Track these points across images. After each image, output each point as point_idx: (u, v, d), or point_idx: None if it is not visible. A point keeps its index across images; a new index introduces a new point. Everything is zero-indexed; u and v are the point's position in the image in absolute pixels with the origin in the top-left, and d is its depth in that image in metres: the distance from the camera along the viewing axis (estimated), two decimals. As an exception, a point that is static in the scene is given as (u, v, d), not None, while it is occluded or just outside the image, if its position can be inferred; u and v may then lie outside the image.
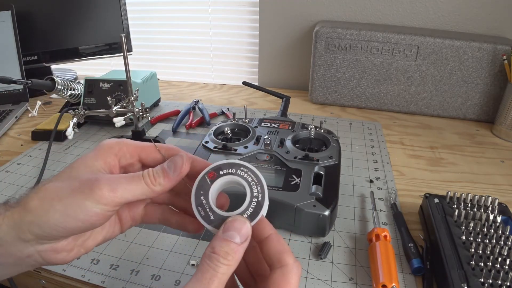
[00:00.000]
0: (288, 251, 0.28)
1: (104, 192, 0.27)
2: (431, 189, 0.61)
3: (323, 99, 0.94)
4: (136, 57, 1.19)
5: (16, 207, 0.27)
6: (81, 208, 0.26)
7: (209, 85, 1.11)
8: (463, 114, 0.87)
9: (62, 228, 0.26)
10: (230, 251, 0.26)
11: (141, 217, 0.35)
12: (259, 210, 0.29)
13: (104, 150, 0.31)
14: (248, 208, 0.29)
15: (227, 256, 0.25)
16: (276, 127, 0.64)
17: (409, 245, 0.46)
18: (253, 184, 0.30)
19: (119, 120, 0.66)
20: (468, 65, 0.82)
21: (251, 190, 0.29)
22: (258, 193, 0.29)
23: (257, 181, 0.30)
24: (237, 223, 0.27)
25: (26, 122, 0.87)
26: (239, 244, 0.26)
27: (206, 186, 0.30)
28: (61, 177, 0.29)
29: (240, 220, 0.28)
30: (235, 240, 0.26)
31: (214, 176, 0.30)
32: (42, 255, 0.28)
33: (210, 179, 0.30)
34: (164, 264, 0.45)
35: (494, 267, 0.40)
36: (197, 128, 0.82)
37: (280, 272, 0.26)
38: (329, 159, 0.54)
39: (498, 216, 0.47)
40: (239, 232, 0.27)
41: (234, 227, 0.27)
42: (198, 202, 0.29)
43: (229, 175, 0.30)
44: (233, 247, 0.26)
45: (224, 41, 1.16)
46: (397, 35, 0.83)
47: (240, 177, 0.30)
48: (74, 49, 1.02)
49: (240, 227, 0.27)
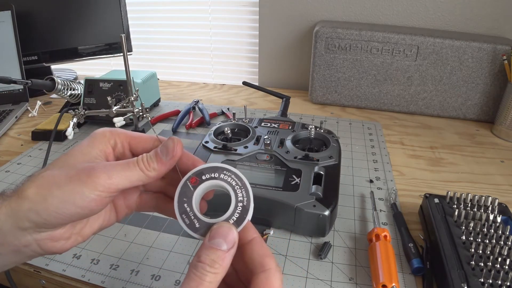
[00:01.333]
0: (271, 255, 0.27)
1: (101, 179, 0.27)
2: (431, 189, 0.61)
3: (323, 99, 0.94)
4: (136, 57, 1.19)
5: (13, 196, 0.27)
6: (79, 195, 0.26)
7: (209, 85, 1.11)
8: (463, 114, 0.87)
9: (60, 215, 0.27)
10: (217, 258, 0.25)
11: (136, 205, 0.35)
12: (245, 215, 0.28)
13: (99, 138, 0.31)
14: (233, 213, 0.28)
15: (214, 264, 0.25)
16: (276, 127, 0.64)
17: (409, 245, 0.46)
18: (238, 188, 0.29)
19: (119, 120, 0.66)
20: (468, 65, 0.82)
21: (236, 194, 0.28)
22: (243, 197, 0.28)
23: (241, 184, 0.29)
24: (223, 229, 0.27)
25: (26, 122, 0.87)
26: (226, 251, 0.26)
27: (189, 192, 0.29)
28: (58, 164, 0.29)
29: (226, 226, 0.27)
30: (222, 248, 0.26)
31: (197, 182, 0.29)
32: (40, 244, 0.28)
33: (192, 185, 0.29)
34: (164, 264, 0.45)
35: (494, 267, 0.40)
36: (197, 128, 0.82)
37: (264, 277, 0.26)
38: (329, 159, 0.54)
39: (498, 216, 0.47)
40: (225, 239, 0.26)
41: (220, 234, 0.27)
42: (181, 210, 0.28)
43: (212, 180, 0.29)
44: (220, 255, 0.26)
45: (224, 41, 1.16)
46: (397, 35, 0.83)
47: (224, 181, 0.29)
48: (74, 49, 1.02)
49: (226, 233, 0.27)
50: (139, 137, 0.33)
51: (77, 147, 0.30)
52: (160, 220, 0.53)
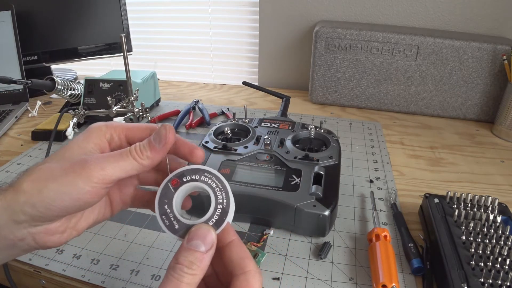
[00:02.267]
0: (250, 257, 0.28)
1: (94, 171, 0.27)
2: (431, 189, 0.61)
3: (323, 99, 0.94)
4: (136, 57, 1.19)
5: (9, 190, 0.27)
6: (74, 187, 0.27)
7: (209, 85, 1.11)
8: (463, 114, 0.87)
9: (55, 207, 0.27)
10: (195, 260, 0.26)
11: (131, 199, 0.35)
12: (225, 217, 0.28)
13: (94, 133, 0.31)
14: (213, 215, 0.28)
15: (191, 265, 0.25)
16: (276, 127, 0.64)
17: (409, 245, 0.46)
18: (218, 190, 0.29)
19: (119, 120, 0.66)
20: (468, 65, 0.82)
21: (216, 196, 0.29)
22: (223, 199, 0.29)
23: (221, 187, 0.29)
24: (201, 231, 0.27)
25: (26, 122, 0.87)
26: (204, 253, 0.26)
27: (169, 194, 0.29)
28: (54, 158, 0.29)
29: (205, 228, 0.27)
30: (199, 249, 0.26)
31: (178, 183, 0.29)
32: (35, 238, 0.28)
33: (173, 187, 0.29)
34: (164, 264, 0.45)
35: (494, 267, 0.40)
36: (197, 128, 0.82)
37: (244, 278, 0.26)
38: (329, 159, 0.54)
39: (498, 216, 0.47)
40: (203, 241, 0.26)
41: (198, 235, 0.27)
42: (162, 211, 0.29)
43: (192, 182, 0.29)
44: (198, 256, 0.26)
45: (224, 41, 1.15)
46: (397, 35, 0.83)
47: (204, 183, 0.29)
48: (74, 49, 1.02)
49: (205, 235, 0.27)
50: (135, 128, 0.33)
51: (74, 141, 0.31)
52: (160, 220, 0.53)
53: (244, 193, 0.49)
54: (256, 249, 0.47)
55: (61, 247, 0.48)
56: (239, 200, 0.49)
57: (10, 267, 0.46)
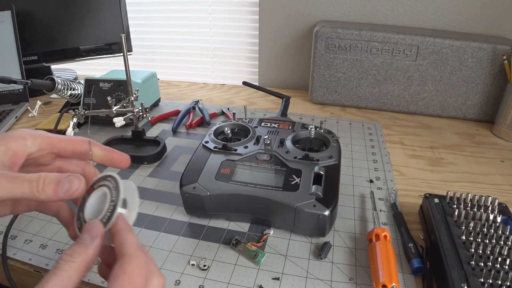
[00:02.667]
0: (128, 242, 0.29)
1: None
2: (431, 189, 0.61)
3: (323, 99, 0.94)
4: (136, 57, 1.19)
5: None
6: None
7: (209, 85, 1.11)
8: (463, 114, 0.87)
9: None
10: (78, 250, 0.27)
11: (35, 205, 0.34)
12: (114, 212, 0.30)
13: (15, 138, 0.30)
14: (106, 212, 0.30)
15: (73, 254, 0.27)
16: (276, 127, 0.64)
17: (409, 245, 0.46)
18: (113, 190, 0.31)
19: (119, 120, 0.66)
20: (468, 65, 0.82)
21: (111, 195, 0.31)
22: (115, 197, 0.31)
23: (115, 186, 0.31)
24: (89, 226, 0.29)
25: (26, 122, 0.87)
26: (88, 244, 0.28)
27: (84, 202, 0.32)
28: None
29: (91, 223, 0.30)
30: (85, 241, 0.28)
31: (90, 190, 0.32)
32: None
33: (87, 195, 0.32)
34: (164, 264, 0.45)
35: (494, 267, 0.40)
36: (197, 128, 0.82)
37: (119, 263, 0.28)
38: (329, 159, 0.54)
39: (498, 216, 0.47)
40: (89, 233, 0.29)
41: (86, 230, 0.29)
42: (77, 216, 0.32)
43: (100, 187, 0.32)
44: (81, 246, 0.28)
45: (224, 41, 1.15)
46: (397, 35, 0.83)
47: (106, 186, 0.32)
48: (74, 49, 1.02)
49: (90, 228, 0.29)
50: (67, 140, 0.33)
51: None
52: (160, 220, 0.53)
53: (244, 193, 0.49)
54: (256, 249, 0.47)
55: (61, 247, 0.48)
56: (239, 200, 0.49)
57: (10, 267, 0.46)
